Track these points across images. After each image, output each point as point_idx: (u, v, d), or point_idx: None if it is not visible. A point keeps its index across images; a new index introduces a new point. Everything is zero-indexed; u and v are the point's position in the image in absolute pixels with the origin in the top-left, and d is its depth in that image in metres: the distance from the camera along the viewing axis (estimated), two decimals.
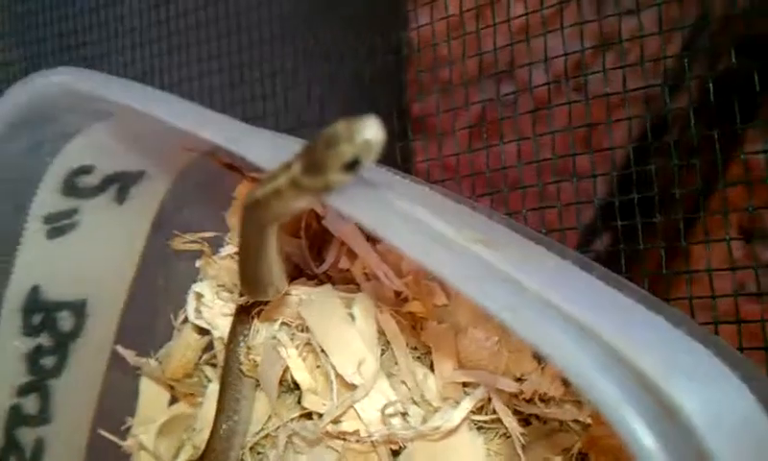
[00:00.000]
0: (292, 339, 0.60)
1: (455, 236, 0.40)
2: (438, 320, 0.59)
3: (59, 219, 0.61)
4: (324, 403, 0.58)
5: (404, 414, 0.58)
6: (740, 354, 0.58)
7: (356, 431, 0.58)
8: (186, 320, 0.69)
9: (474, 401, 0.55)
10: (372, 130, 0.37)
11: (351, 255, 0.62)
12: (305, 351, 0.60)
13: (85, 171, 0.60)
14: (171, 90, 0.91)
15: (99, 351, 0.66)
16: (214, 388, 0.67)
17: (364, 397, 0.57)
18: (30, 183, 0.58)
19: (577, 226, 0.74)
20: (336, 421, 0.58)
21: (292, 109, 0.90)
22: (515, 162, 0.77)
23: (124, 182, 0.62)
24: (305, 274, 0.64)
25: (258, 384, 0.63)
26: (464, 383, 0.57)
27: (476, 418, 0.57)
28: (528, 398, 0.56)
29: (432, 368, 0.59)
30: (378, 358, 0.58)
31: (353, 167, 0.38)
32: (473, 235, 0.42)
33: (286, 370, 0.60)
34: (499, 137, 0.79)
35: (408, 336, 0.59)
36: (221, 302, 0.66)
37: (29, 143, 0.56)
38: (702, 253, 0.68)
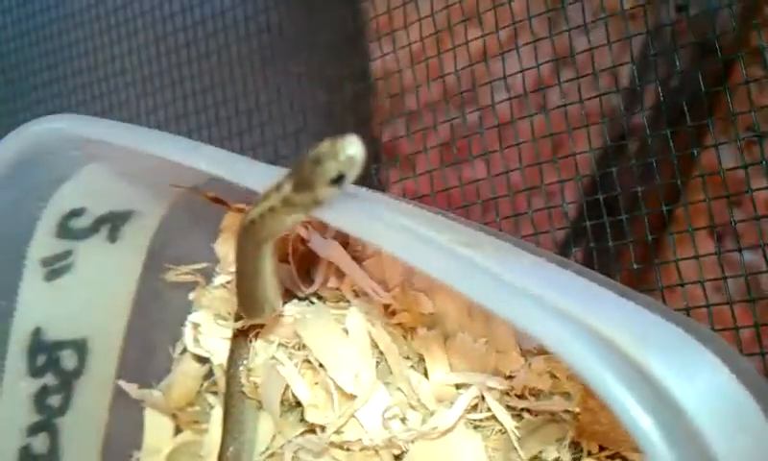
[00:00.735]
0: (290, 358, 0.63)
1: (438, 239, 0.43)
2: (427, 327, 0.61)
3: (55, 261, 0.63)
4: (326, 416, 0.61)
5: (403, 419, 0.60)
6: (711, 331, 0.61)
7: (359, 439, 0.60)
8: (185, 350, 0.71)
9: (468, 400, 0.58)
10: (354, 146, 0.42)
11: (339, 275, 0.65)
12: (303, 368, 0.63)
13: (77, 214, 0.62)
14: None
15: (102, 386, 0.68)
16: (218, 414, 0.69)
17: (363, 405, 0.59)
18: (26, 228, 0.61)
19: (549, 230, 0.77)
20: (339, 431, 0.60)
21: (269, 142, 0.94)
22: (485, 175, 0.81)
23: (115, 222, 0.65)
24: (296, 297, 0.67)
25: (260, 405, 0.66)
26: (457, 385, 0.60)
27: (472, 416, 0.59)
28: (519, 393, 0.59)
29: (425, 374, 0.62)
30: (374, 368, 0.61)
31: (339, 181, 0.42)
32: (456, 238, 0.45)
33: (286, 388, 0.63)
34: (469, 153, 0.83)
35: (400, 346, 0.62)
36: (218, 329, 0.68)
37: (24, 189, 0.58)
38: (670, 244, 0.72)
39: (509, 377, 0.59)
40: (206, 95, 0.97)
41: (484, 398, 0.59)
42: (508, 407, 0.59)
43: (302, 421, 0.65)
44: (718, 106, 0.76)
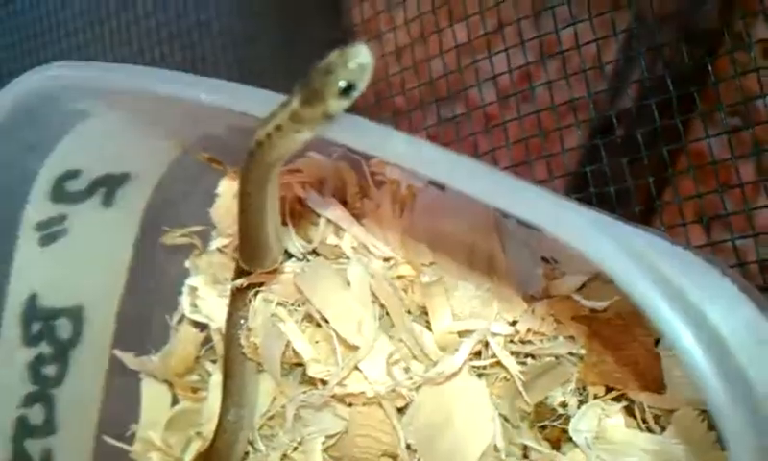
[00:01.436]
0: (290, 315, 0.62)
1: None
2: (429, 277, 0.61)
3: (49, 226, 0.62)
4: (329, 370, 0.60)
5: (406, 369, 0.60)
6: (737, 274, 0.61)
7: (362, 392, 0.59)
8: (182, 319, 0.70)
9: (472, 345, 0.58)
10: (364, 55, 0.41)
11: (338, 232, 0.65)
12: (304, 325, 0.62)
13: (73, 175, 0.61)
14: None
15: (98, 356, 0.67)
16: (217, 380, 0.68)
17: (367, 355, 0.59)
18: (22, 190, 0.60)
19: None
20: (342, 384, 0.59)
21: None
22: None
23: (110, 186, 0.64)
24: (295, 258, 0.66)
25: (260, 367, 0.65)
26: (459, 333, 0.59)
27: (476, 364, 0.59)
28: (523, 339, 0.59)
29: (427, 327, 0.61)
30: (377, 318, 0.60)
31: (349, 91, 0.42)
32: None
33: (287, 346, 0.62)
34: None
35: (401, 299, 0.62)
36: (215, 293, 0.68)
37: (19, 146, 0.58)
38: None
39: (512, 324, 0.59)
40: None
41: (487, 345, 0.59)
42: (512, 353, 0.59)
43: (303, 382, 0.64)
44: (705, 95, 0.77)
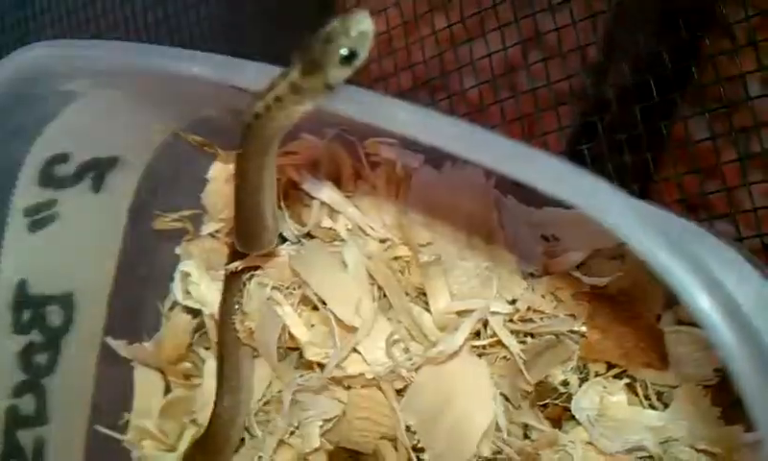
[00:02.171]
0: (286, 298, 0.61)
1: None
2: (427, 257, 0.60)
3: (38, 211, 0.61)
4: (326, 353, 0.59)
5: (406, 350, 0.59)
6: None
7: (361, 374, 0.58)
8: (174, 305, 0.69)
9: (472, 324, 0.57)
10: (366, 22, 0.40)
11: (333, 214, 0.64)
12: (300, 308, 0.61)
13: (62, 159, 0.60)
14: None
15: (89, 344, 0.66)
16: (211, 367, 0.67)
17: (366, 336, 0.58)
18: (10, 175, 0.59)
19: None
20: (340, 366, 0.58)
21: None
22: None
23: (99, 170, 0.63)
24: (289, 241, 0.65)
25: (256, 352, 0.64)
26: (458, 313, 0.59)
27: (476, 343, 0.58)
28: (523, 317, 0.58)
29: (426, 308, 0.60)
30: (375, 299, 0.59)
31: (350, 60, 0.40)
32: None
33: (283, 330, 0.61)
34: None
35: (398, 280, 0.61)
36: (208, 279, 0.66)
37: (5, 130, 0.56)
38: None
39: (512, 302, 0.58)
40: None
41: (487, 324, 0.58)
42: (512, 332, 0.58)
43: (299, 366, 0.63)
44: (687, 79, 0.76)
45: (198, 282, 0.66)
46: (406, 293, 0.61)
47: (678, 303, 0.52)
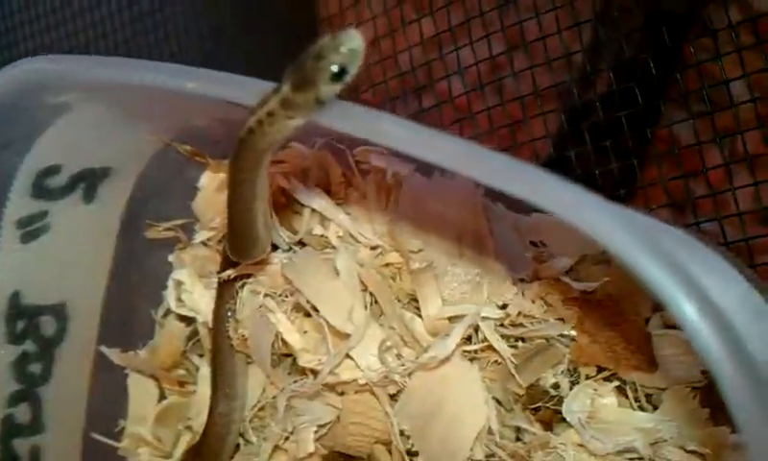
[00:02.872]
0: (279, 306, 0.62)
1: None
2: (418, 264, 0.61)
3: (31, 223, 0.61)
4: (320, 359, 0.60)
5: (398, 356, 0.60)
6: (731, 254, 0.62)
7: (354, 380, 0.59)
8: (167, 313, 0.70)
9: (464, 329, 0.58)
10: (356, 40, 0.41)
11: (324, 222, 0.64)
12: (293, 315, 0.62)
13: (54, 171, 0.61)
14: None
15: (83, 353, 0.66)
16: (205, 374, 0.67)
17: (358, 342, 0.58)
18: (2, 187, 0.59)
19: None
20: (334, 372, 0.59)
21: None
22: None
23: (91, 181, 0.63)
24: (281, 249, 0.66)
25: (249, 359, 0.64)
26: (450, 319, 0.59)
27: (467, 348, 0.59)
28: (513, 322, 0.59)
29: (418, 314, 0.61)
30: (367, 306, 0.60)
31: (341, 76, 0.41)
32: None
33: (276, 337, 0.62)
34: None
35: (390, 287, 0.61)
36: (201, 287, 0.67)
37: (1, 142, 0.57)
38: None
39: (502, 307, 0.59)
40: None
41: (478, 329, 0.59)
42: (503, 337, 0.59)
43: (293, 373, 0.64)
44: (672, 84, 0.77)
45: (191, 290, 0.67)
46: (398, 299, 0.62)
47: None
